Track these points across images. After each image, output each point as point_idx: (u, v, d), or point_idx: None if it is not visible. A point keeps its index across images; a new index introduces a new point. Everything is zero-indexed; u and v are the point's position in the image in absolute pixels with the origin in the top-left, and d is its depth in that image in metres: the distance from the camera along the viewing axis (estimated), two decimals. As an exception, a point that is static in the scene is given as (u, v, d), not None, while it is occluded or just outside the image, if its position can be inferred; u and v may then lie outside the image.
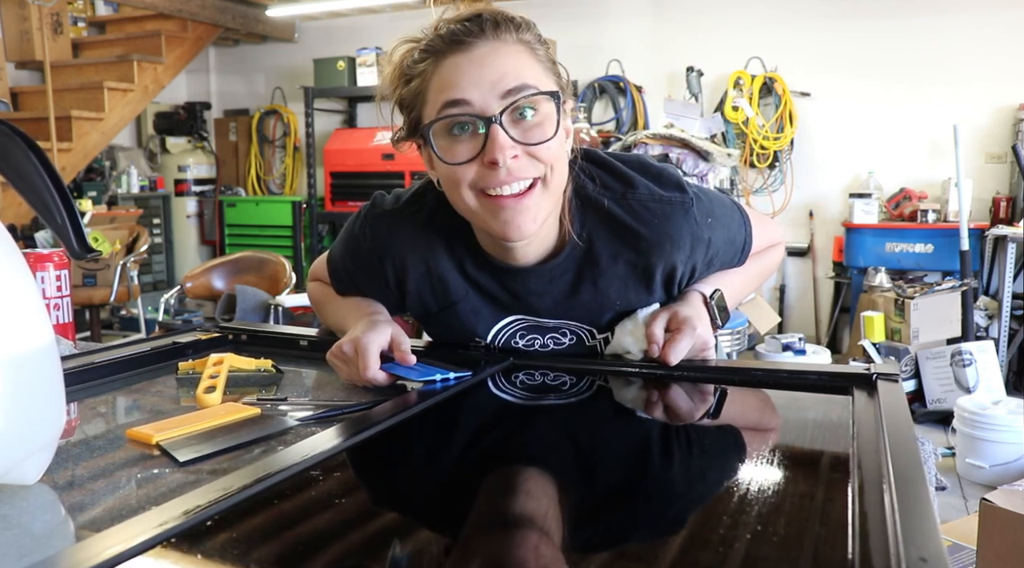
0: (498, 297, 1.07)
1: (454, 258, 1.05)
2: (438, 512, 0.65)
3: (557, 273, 1.03)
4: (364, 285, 1.14)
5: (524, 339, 1.10)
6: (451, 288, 1.07)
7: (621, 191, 1.01)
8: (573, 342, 1.10)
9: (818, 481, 0.72)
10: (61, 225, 0.72)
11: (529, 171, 0.91)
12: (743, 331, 3.94)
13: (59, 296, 1.50)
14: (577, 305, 1.06)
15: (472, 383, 0.97)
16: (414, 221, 1.05)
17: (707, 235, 1.04)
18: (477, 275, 1.06)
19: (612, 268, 1.03)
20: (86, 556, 0.51)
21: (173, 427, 0.80)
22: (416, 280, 1.07)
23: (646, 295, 1.06)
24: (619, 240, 1.02)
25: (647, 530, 0.62)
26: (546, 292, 1.05)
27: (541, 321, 1.08)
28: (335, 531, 0.62)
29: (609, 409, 1.00)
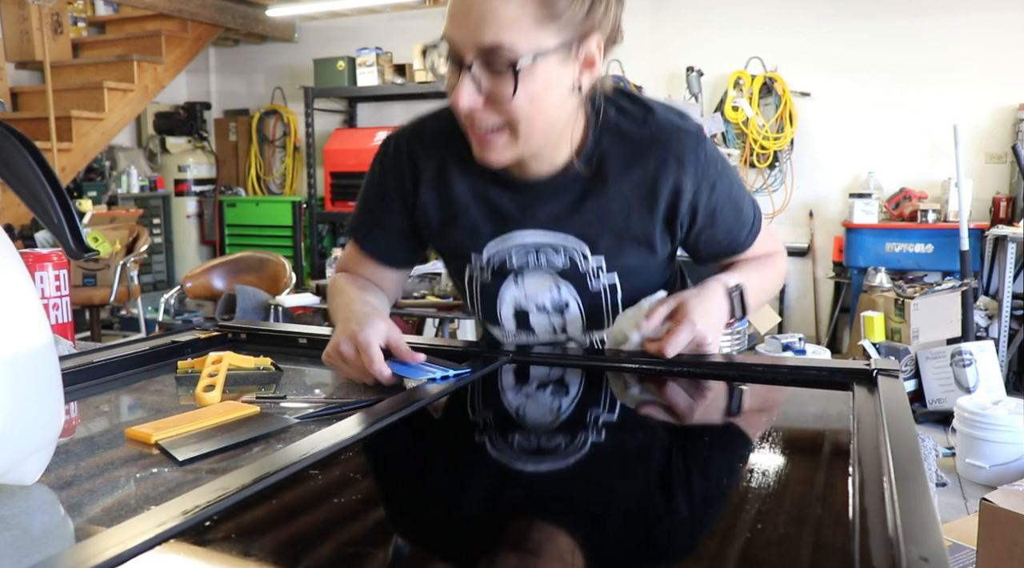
0: (501, 208, 1.08)
1: (463, 167, 1.08)
2: (438, 511, 0.65)
3: (564, 186, 1.06)
4: (383, 215, 1.16)
5: (518, 257, 1.10)
6: (456, 197, 1.09)
7: (641, 115, 1.05)
8: (567, 266, 1.10)
9: (819, 477, 0.72)
10: (58, 225, 0.72)
11: (492, 120, 0.95)
12: (743, 331, 3.94)
13: (58, 296, 1.50)
14: (578, 219, 1.07)
15: (472, 381, 0.97)
16: (434, 129, 1.11)
17: (713, 178, 1.06)
18: (484, 185, 1.08)
19: (619, 184, 1.05)
20: (85, 556, 0.50)
21: (172, 426, 0.80)
22: (427, 187, 1.11)
23: (648, 220, 1.07)
24: (630, 157, 1.04)
25: (646, 529, 0.62)
26: (550, 203, 1.07)
27: (539, 237, 1.08)
28: (335, 530, 0.61)
29: (608, 405, 1.00)
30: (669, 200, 1.05)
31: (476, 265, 1.13)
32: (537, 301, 1.13)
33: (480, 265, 1.12)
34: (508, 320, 1.16)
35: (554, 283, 1.12)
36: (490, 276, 1.13)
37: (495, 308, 1.16)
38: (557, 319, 1.15)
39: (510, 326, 1.17)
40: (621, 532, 0.61)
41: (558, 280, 1.11)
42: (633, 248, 1.09)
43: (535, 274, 1.11)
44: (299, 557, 0.56)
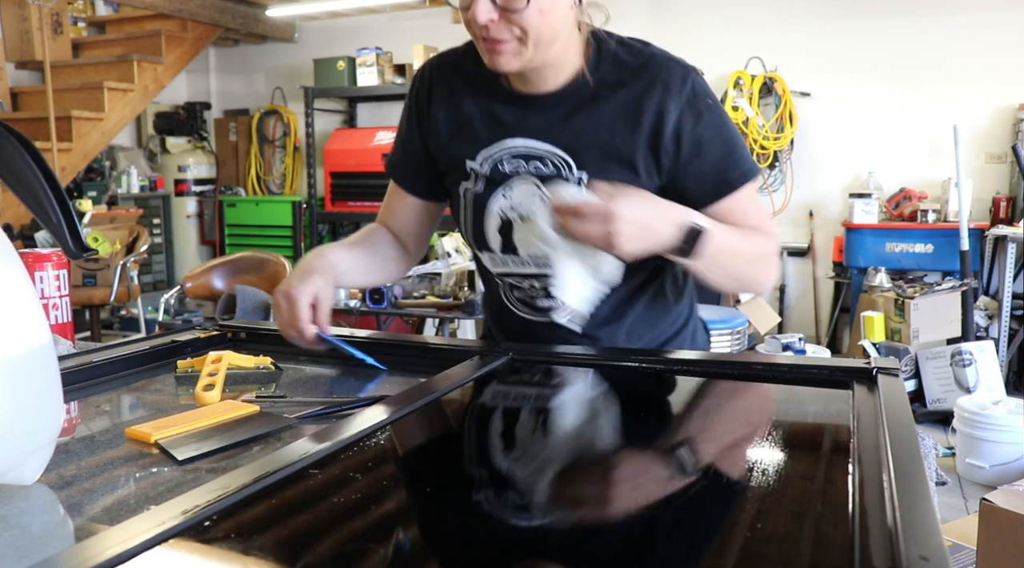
0: (500, 117, 1.15)
1: (473, 84, 1.17)
2: (437, 511, 0.65)
3: (559, 101, 1.12)
4: (407, 142, 1.25)
5: (510, 165, 1.14)
6: (464, 110, 1.17)
7: (639, 48, 1.14)
8: (552, 173, 1.13)
9: (819, 476, 0.72)
10: (57, 225, 0.72)
11: (505, 34, 1.02)
12: (743, 331, 3.94)
13: (58, 296, 1.50)
14: (567, 130, 1.11)
15: (472, 380, 0.97)
16: (451, 56, 1.22)
17: (700, 109, 1.09)
18: (489, 99, 1.16)
19: (608, 103, 1.10)
20: (85, 556, 0.50)
21: (171, 425, 0.80)
22: (439, 104, 1.20)
23: (631, 138, 1.09)
24: (622, 79, 1.11)
25: (645, 528, 0.62)
26: (544, 115, 1.13)
27: (530, 145, 1.13)
28: (335, 530, 0.61)
29: (606, 404, 1.00)
30: (653, 122, 1.08)
31: (471, 173, 1.17)
32: (522, 211, 1.15)
33: (475, 171, 1.16)
34: (493, 236, 1.18)
35: (538, 192, 1.13)
36: (482, 186, 1.17)
37: (483, 220, 1.18)
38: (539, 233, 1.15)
39: (495, 244, 1.18)
40: (621, 530, 0.61)
41: (541, 188, 1.13)
42: (616, 167, 1.10)
43: (523, 183, 1.15)
44: (299, 557, 0.56)
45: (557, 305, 1.15)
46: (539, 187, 1.13)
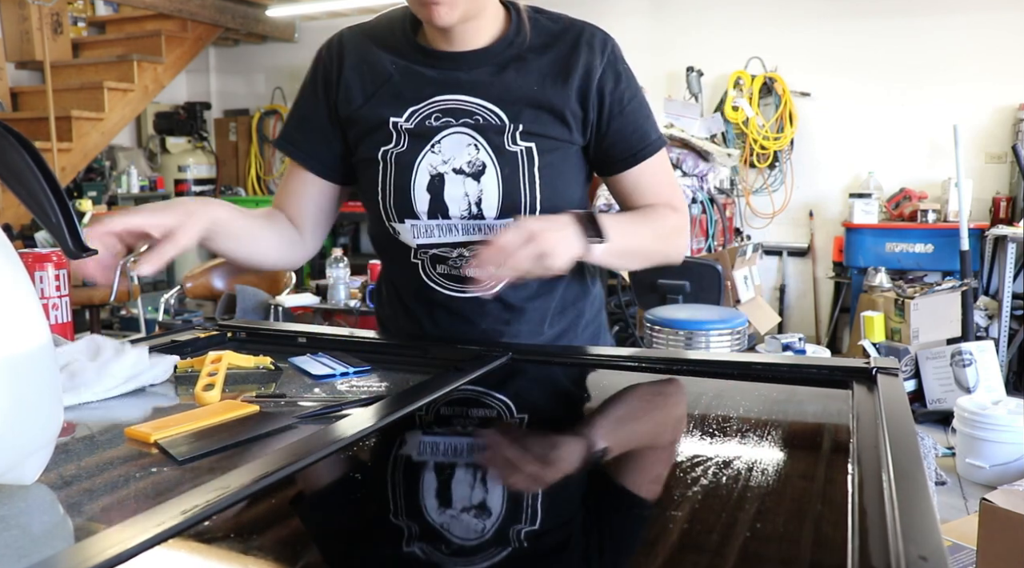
0: (423, 78, 1.12)
1: (389, 45, 1.15)
2: (437, 510, 0.65)
3: (488, 58, 1.12)
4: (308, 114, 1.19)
5: (438, 121, 1.12)
6: (378, 71, 1.14)
7: (556, 16, 1.17)
8: (483, 125, 1.11)
9: (818, 476, 0.72)
10: (56, 225, 0.72)
11: None
12: (743, 331, 3.94)
13: (58, 296, 1.50)
14: (498, 84, 1.11)
15: (472, 379, 0.97)
16: (358, 28, 1.19)
17: (620, 71, 1.15)
18: (410, 59, 1.13)
19: (536, 61, 1.13)
20: (85, 557, 0.50)
21: (171, 425, 0.80)
22: (351, 67, 1.15)
23: (562, 91, 1.12)
24: (546, 42, 1.14)
25: (645, 527, 0.62)
26: (472, 71, 1.12)
27: (460, 100, 1.11)
28: (334, 530, 0.62)
29: (605, 403, 1.00)
30: (581, 76, 1.12)
31: (392, 132, 1.12)
32: (455, 164, 1.11)
33: (399, 128, 1.12)
34: (421, 196, 1.12)
35: (472, 141, 1.11)
36: (405, 145, 1.12)
37: (409, 181, 1.12)
38: (473, 187, 1.11)
39: (423, 205, 1.12)
40: (620, 528, 0.61)
41: (476, 137, 1.11)
42: (548, 118, 1.12)
43: (453, 137, 1.12)
44: (299, 557, 0.56)
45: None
46: (473, 137, 1.10)
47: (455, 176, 1.11)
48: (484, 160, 1.11)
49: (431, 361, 1.11)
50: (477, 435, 0.88)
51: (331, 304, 4.09)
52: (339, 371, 1.02)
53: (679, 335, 3.69)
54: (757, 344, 4.24)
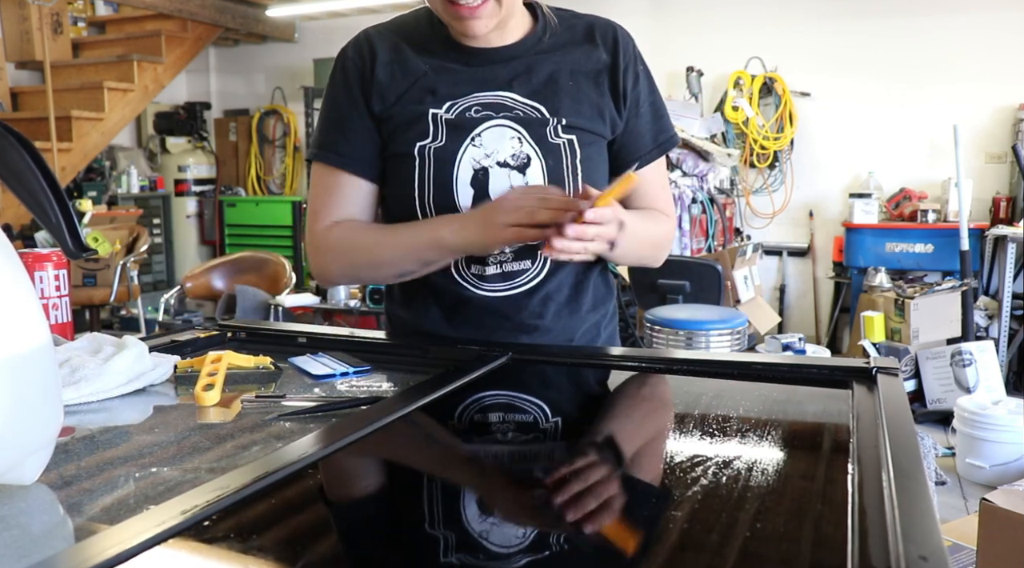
0: (460, 73, 1.12)
1: (419, 45, 1.14)
2: (437, 510, 0.65)
3: (519, 54, 1.13)
4: (349, 119, 1.14)
5: (479, 113, 1.11)
6: (411, 68, 1.13)
7: (575, 12, 1.19)
8: (526, 119, 1.10)
9: (818, 476, 0.72)
10: (56, 225, 0.72)
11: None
12: (743, 331, 3.94)
13: (58, 296, 1.50)
14: (535, 79, 1.12)
15: (472, 379, 0.97)
16: (385, 26, 1.18)
17: (639, 70, 1.17)
18: (442, 56, 1.13)
19: (568, 55, 1.14)
20: (85, 556, 0.51)
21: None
22: (383, 66, 1.13)
23: (595, 86, 1.14)
24: (573, 39, 1.16)
25: (644, 526, 0.62)
26: (507, 67, 1.13)
27: (499, 96, 1.12)
28: (334, 530, 0.62)
29: (604, 404, 1.00)
30: (610, 73, 1.15)
31: (430, 127, 1.09)
32: (498, 157, 1.09)
33: (437, 120, 1.09)
34: (465, 189, 1.09)
35: (516, 134, 1.10)
36: (445, 138, 1.09)
37: (451, 176, 1.09)
38: (518, 179, 1.10)
39: (466, 199, 1.09)
40: (620, 528, 0.61)
41: (519, 130, 1.10)
42: (587, 112, 1.13)
43: (495, 129, 1.10)
44: (299, 557, 0.56)
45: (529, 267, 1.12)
46: (516, 130, 1.09)
47: (499, 169, 1.09)
48: (528, 152, 1.10)
49: (431, 361, 1.11)
50: (477, 435, 0.88)
51: (331, 304, 4.09)
52: (339, 371, 1.02)
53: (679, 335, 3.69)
54: (757, 344, 4.23)
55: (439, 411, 0.89)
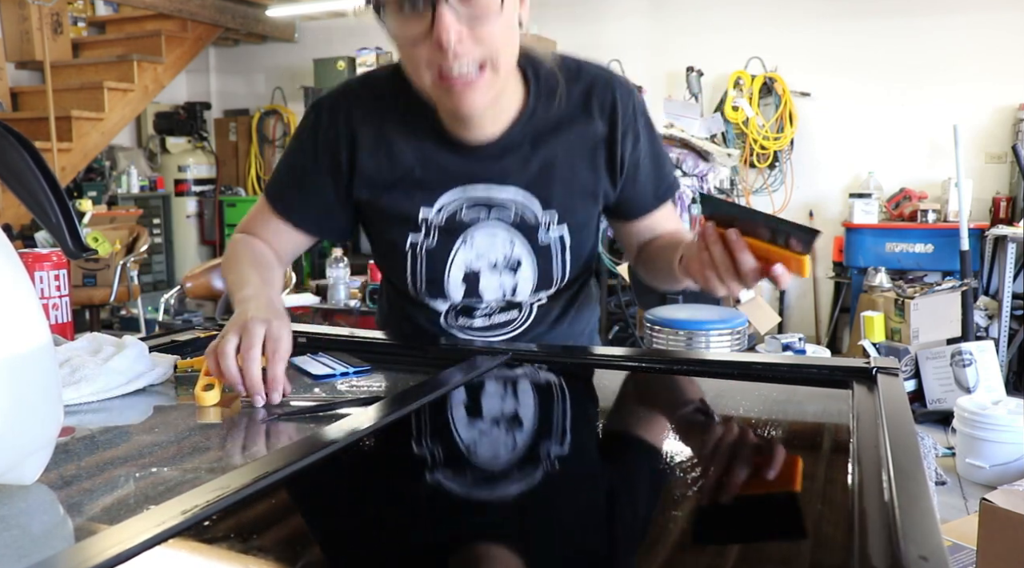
0: (448, 167, 1.07)
1: (407, 129, 1.06)
2: (437, 509, 0.65)
3: (510, 146, 1.06)
4: (312, 186, 1.11)
5: (469, 214, 1.09)
6: (400, 159, 1.07)
7: (575, 67, 1.08)
8: (518, 221, 1.10)
9: (818, 476, 0.72)
10: (56, 225, 0.72)
11: (476, 52, 0.91)
12: (743, 331, 3.94)
13: (58, 296, 1.50)
14: (529, 174, 1.07)
15: (473, 378, 0.97)
16: (369, 93, 1.08)
17: (640, 132, 1.10)
18: (430, 146, 1.06)
19: (562, 139, 1.07)
20: (85, 556, 0.50)
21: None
22: (366, 152, 1.07)
23: (592, 171, 1.10)
24: (569, 110, 1.07)
25: (644, 526, 0.62)
26: (499, 161, 1.06)
27: (490, 191, 1.08)
28: (334, 530, 0.62)
29: (604, 404, 1.00)
30: (607, 151, 1.09)
31: (422, 227, 1.09)
32: (489, 259, 1.11)
33: (427, 223, 1.09)
34: (456, 287, 1.12)
35: (507, 237, 1.10)
36: (436, 239, 1.09)
37: (443, 275, 1.12)
38: (509, 279, 1.13)
39: (457, 295, 1.13)
40: (620, 527, 0.61)
41: (511, 233, 1.10)
42: (580, 201, 1.11)
43: (486, 230, 1.09)
44: (299, 557, 0.56)
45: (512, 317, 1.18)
46: (509, 233, 1.09)
47: (491, 271, 1.12)
48: (520, 255, 1.12)
49: (431, 361, 1.11)
50: (477, 435, 0.88)
51: (331, 304, 4.09)
52: (339, 371, 1.02)
53: (679, 335, 3.69)
54: (757, 344, 4.23)
55: (439, 411, 0.89)
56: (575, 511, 0.66)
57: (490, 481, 0.73)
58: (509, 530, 0.62)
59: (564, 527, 0.62)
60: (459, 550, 0.58)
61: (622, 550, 0.58)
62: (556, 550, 0.58)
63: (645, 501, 0.68)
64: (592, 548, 0.59)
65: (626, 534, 0.61)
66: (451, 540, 0.60)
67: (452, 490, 0.70)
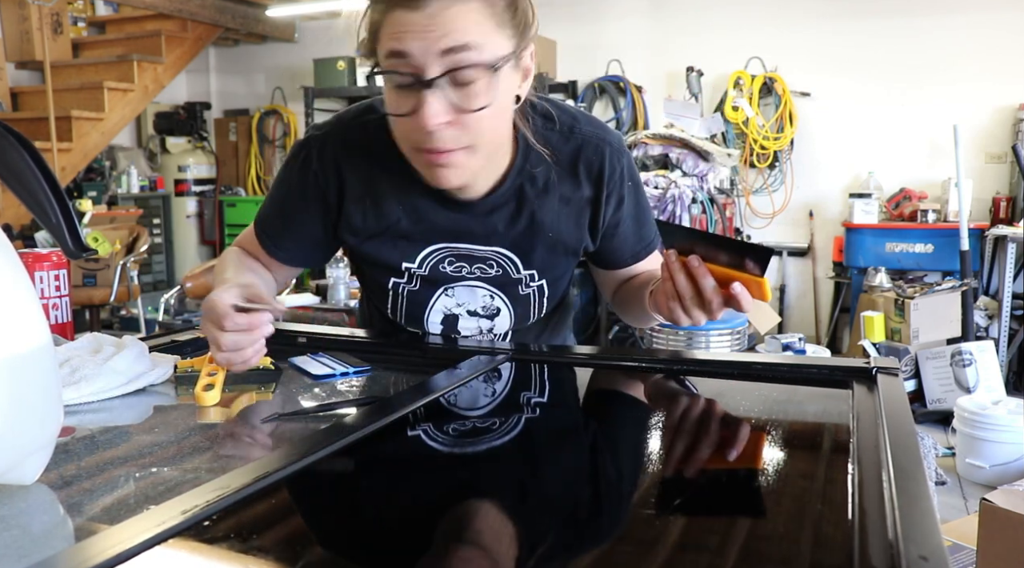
0: (435, 224, 1.07)
1: (394, 179, 1.05)
2: (437, 509, 0.65)
3: (497, 204, 1.06)
4: (298, 224, 1.11)
5: (451, 266, 1.10)
6: (386, 211, 1.06)
7: (568, 125, 1.06)
8: (499, 273, 1.11)
9: (818, 476, 0.72)
10: (56, 225, 0.72)
11: (461, 140, 0.90)
12: (743, 331, 3.94)
13: (58, 296, 1.50)
14: (512, 235, 1.08)
15: (474, 377, 0.97)
16: (360, 138, 1.05)
17: (624, 194, 1.10)
18: (415, 201, 1.06)
19: (548, 199, 1.07)
20: (85, 556, 0.50)
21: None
22: (352, 200, 1.07)
23: (576, 231, 1.10)
24: (558, 173, 1.06)
25: (644, 526, 0.62)
26: (485, 221, 1.06)
27: (473, 249, 1.09)
28: (334, 530, 0.62)
29: (605, 404, 1.00)
30: (591, 212, 1.10)
31: (404, 274, 1.11)
32: (469, 307, 1.15)
33: (410, 272, 1.11)
34: (435, 325, 1.17)
35: (487, 292, 1.14)
36: (418, 285, 1.12)
37: (422, 315, 1.16)
38: (486, 323, 1.17)
39: (435, 330, 1.18)
40: (620, 527, 0.61)
41: (491, 289, 1.13)
42: (561, 257, 1.13)
43: (467, 284, 1.12)
44: (299, 557, 0.56)
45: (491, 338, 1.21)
46: (489, 289, 1.13)
47: (469, 316, 1.16)
48: (499, 305, 1.15)
49: (431, 361, 1.11)
50: (477, 434, 0.88)
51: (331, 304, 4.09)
52: (339, 371, 1.02)
53: (679, 335, 3.69)
54: (757, 344, 4.23)
55: (439, 411, 0.89)
56: (575, 511, 0.66)
57: (490, 481, 0.73)
58: (509, 530, 0.62)
59: (561, 532, 0.62)
60: (459, 550, 0.58)
61: (622, 549, 0.58)
62: (554, 547, 0.58)
63: (644, 500, 0.68)
64: (592, 548, 0.59)
65: (625, 533, 0.61)
66: (451, 540, 0.60)
67: (452, 490, 0.70)
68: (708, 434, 0.88)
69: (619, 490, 0.71)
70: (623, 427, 0.92)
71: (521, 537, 0.60)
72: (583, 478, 0.74)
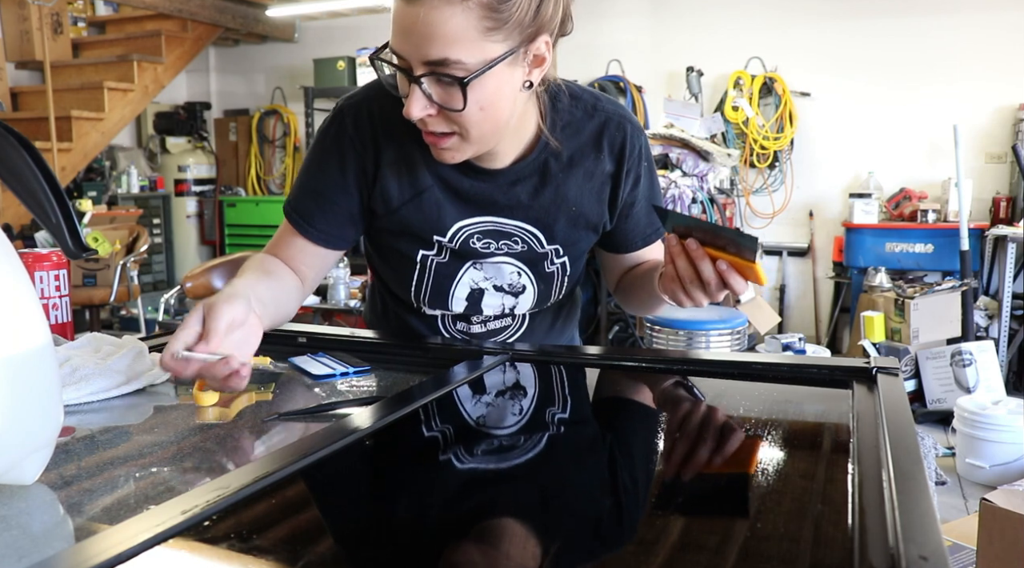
0: (462, 193, 1.09)
1: (423, 149, 1.05)
2: (437, 509, 0.65)
3: (523, 175, 1.08)
4: (338, 197, 1.10)
5: (480, 242, 1.12)
6: (419, 177, 1.08)
7: (592, 103, 1.10)
8: (524, 249, 1.13)
9: (818, 476, 0.72)
10: (56, 225, 0.72)
11: (443, 127, 0.95)
12: (743, 331, 3.94)
13: (58, 296, 1.50)
14: (536, 207, 1.10)
15: (475, 377, 0.97)
16: (393, 102, 1.03)
17: (640, 174, 1.14)
18: (446, 170, 1.07)
19: (572, 172, 1.10)
20: (85, 556, 0.50)
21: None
22: (389, 167, 1.08)
23: (597, 207, 1.13)
24: (581, 147, 1.10)
25: (644, 527, 0.62)
26: (509, 192, 1.09)
27: (500, 223, 1.11)
28: (334, 530, 0.62)
29: (604, 404, 1.00)
30: (611, 188, 1.13)
31: (435, 246, 1.12)
32: (496, 282, 1.16)
33: (440, 245, 1.11)
34: (459, 301, 1.17)
35: (514, 269, 1.15)
36: (448, 258, 1.13)
37: (448, 288, 1.15)
38: (510, 300, 1.18)
39: (459, 308, 1.18)
40: (620, 527, 0.61)
41: (519, 265, 1.15)
42: (583, 232, 1.15)
43: (496, 258, 1.14)
44: (299, 557, 0.56)
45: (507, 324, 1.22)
46: (517, 266, 1.14)
47: (495, 292, 1.17)
48: (525, 283, 1.17)
49: (431, 361, 1.11)
50: (478, 434, 0.88)
51: (331, 304, 4.09)
52: (339, 371, 1.02)
53: (679, 335, 3.69)
54: (757, 344, 4.23)
55: (439, 411, 0.89)
56: (574, 512, 0.66)
57: (490, 481, 0.73)
58: (509, 530, 0.62)
59: (565, 532, 0.62)
60: (458, 550, 0.58)
61: (622, 549, 0.58)
62: (554, 547, 0.58)
63: (644, 500, 0.68)
64: (590, 548, 0.59)
65: (626, 533, 0.61)
66: (450, 540, 0.60)
67: (452, 490, 0.70)
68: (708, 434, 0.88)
69: (619, 490, 0.71)
70: (623, 427, 0.92)
71: (521, 537, 0.60)
72: (583, 478, 0.74)
